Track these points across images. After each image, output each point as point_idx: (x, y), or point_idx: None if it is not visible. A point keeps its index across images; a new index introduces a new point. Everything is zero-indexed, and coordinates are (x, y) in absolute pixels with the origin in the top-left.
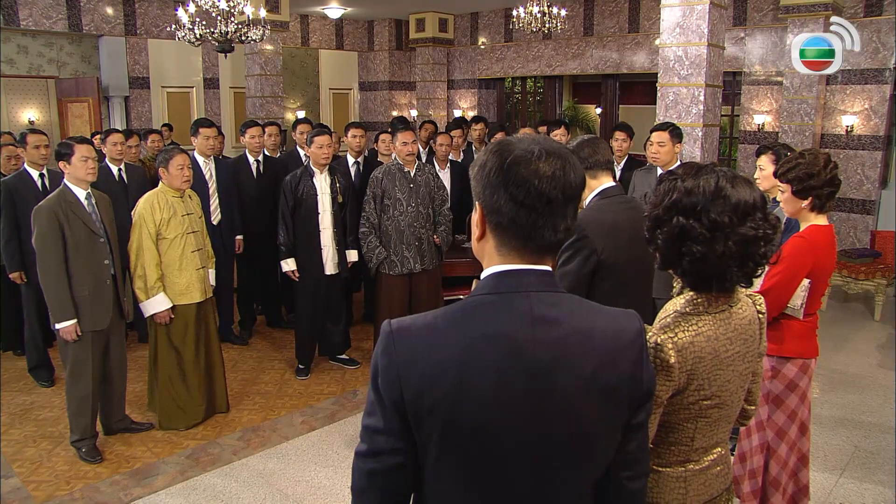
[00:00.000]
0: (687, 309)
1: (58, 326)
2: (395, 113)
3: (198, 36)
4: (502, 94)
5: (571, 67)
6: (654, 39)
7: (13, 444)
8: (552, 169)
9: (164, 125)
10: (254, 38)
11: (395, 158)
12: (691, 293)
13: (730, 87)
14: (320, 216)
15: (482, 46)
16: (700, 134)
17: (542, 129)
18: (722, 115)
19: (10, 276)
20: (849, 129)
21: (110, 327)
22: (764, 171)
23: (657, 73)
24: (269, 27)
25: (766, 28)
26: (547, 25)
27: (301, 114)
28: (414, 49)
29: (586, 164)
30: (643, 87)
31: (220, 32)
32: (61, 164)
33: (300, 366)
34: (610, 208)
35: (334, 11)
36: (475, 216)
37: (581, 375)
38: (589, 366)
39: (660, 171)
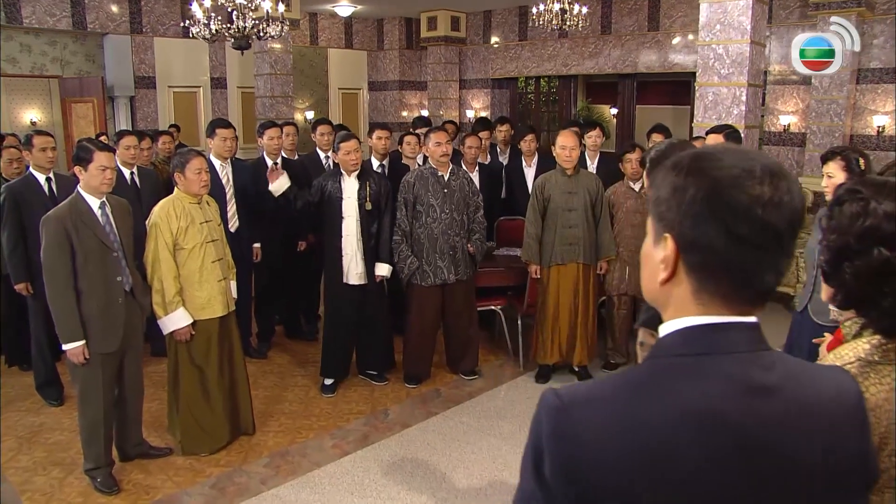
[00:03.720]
0: (875, 357)
1: (65, 348)
2: (405, 113)
3: (213, 32)
4: (515, 94)
5: (588, 67)
6: (674, 38)
7: (21, 472)
8: (778, 193)
9: (171, 126)
10: (272, 34)
11: (420, 160)
12: (877, 338)
13: None
14: (343, 221)
15: (495, 45)
16: (741, 136)
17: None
18: None
19: (16, 287)
20: (880, 130)
21: (124, 347)
22: (833, 178)
23: (677, 73)
24: (287, 23)
25: (792, 26)
26: (567, 23)
27: (310, 114)
28: (425, 48)
29: None
30: (660, 87)
31: (238, 28)
32: (76, 168)
33: (326, 382)
34: None
35: (345, 9)
36: (662, 253)
37: (807, 460)
38: (815, 446)
39: None
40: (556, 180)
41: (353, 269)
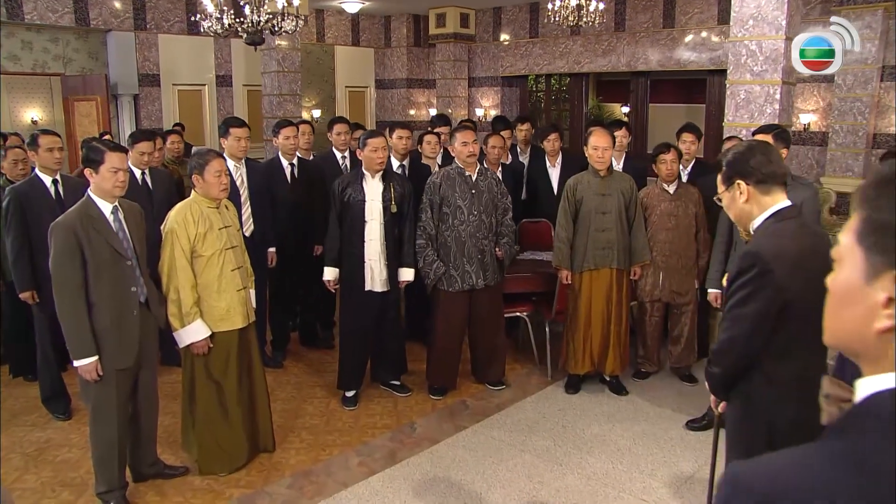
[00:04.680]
0: None
1: (76, 364)
2: (412, 112)
3: (226, 26)
4: (526, 93)
5: (601, 64)
6: (690, 34)
7: (28, 493)
8: None
9: (175, 125)
10: (288, 29)
11: (439, 160)
12: None
13: None
14: (367, 225)
15: (505, 43)
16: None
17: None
18: None
19: (21, 295)
20: None
21: (139, 361)
22: None
23: (692, 70)
24: (303, 18)
25: (813, 22)
26: (584, 20)
27: (317, 112)
28: (433, 45)
29: (757, 175)
30: (673, 85)
31: (252, 22)
32: (87, 171)
33: (347, 394)
34: (790, 234)
35: (353, 6)
36: (882, 293)
37: None
38: None
39: None
40: (588, 182)
41: (378, 276)
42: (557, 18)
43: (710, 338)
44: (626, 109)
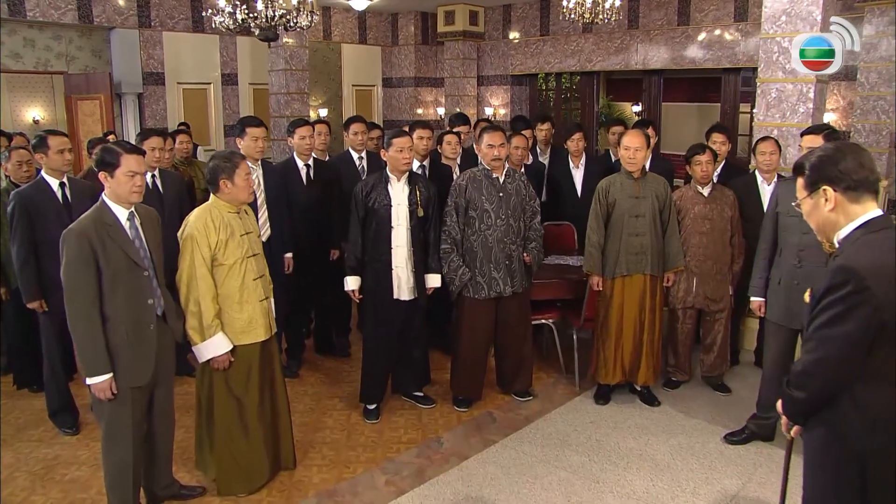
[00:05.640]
0: None
1: (89, 382)
2: (420, 111)
3: (239, 22)
4: (535, 91)
5: (613, 63)
6: (705, 32)
7: None
8: None
9: (180, 124)
10: (303, 24)
11: (459, 161)
12: None
13: None
14: (393, 231)
15: (515, 40)
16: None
17: (618, 128)
18: None
19: (29, 305)
20: None
21: (155, 378)
22: None
23: (708, 69)
24: (318, 13)
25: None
26: (601, 16)
27: (323, 112)
28: (442, 43)
29: (847, 181)
30: (686, 84)
31: (266, 18)
32: (102, 175)
33: (368, 406)
34: (885, 247)
35: (360, 3)
36: None
37: None
38: None
39: None
40: (621, 183)
41: (405, 284)
42: (574, 16)
43: (740, 344)
44: (636, 108)
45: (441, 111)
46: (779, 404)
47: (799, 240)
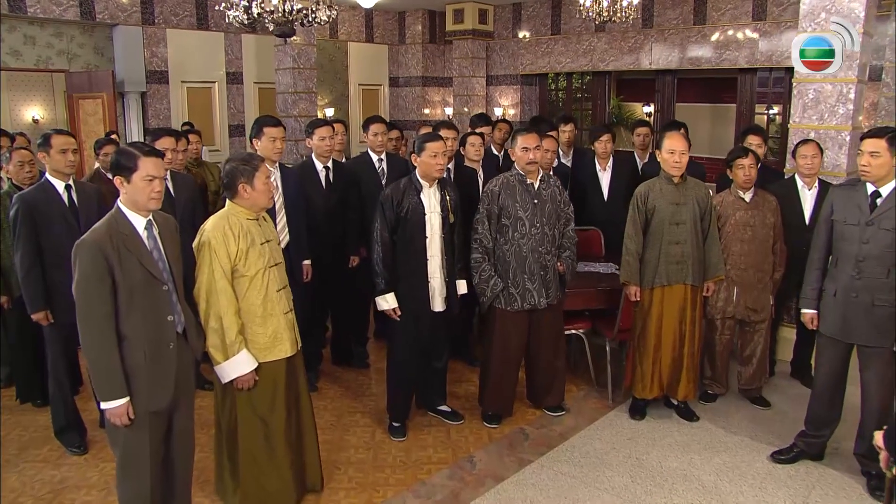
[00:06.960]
0: None
1: (104, 406)
2: (427, 111)
3: (255, 16)
4: (545, 91)
5: (627, 62)
6: (722, 31)
7: None
8: None
9: (184, 124)
10: (322, 19)
11: (480, 162)
12: None
13: None
14: (428, 240)
15: (525, 40)
16: (847, 138)
17: (643, 129)
18: None
19: (34, 316)
20: None
21: (175, 401)
22: None
23: (724, 69)
24: (337, 8)
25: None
26: (618, 15)
27: (329, 111)
28: (450, 42)
29: None
30: (700, 84)
31: (283, 12)
32: (118, 180)
33: (394, 423)
34: None
35: (367, 0)
36: None
37: None
38: None
39: (871, 188)
40: (661, 189)
41: (439, 295)
42: (591, 14)
43: (776, 355)
44: (647, 109)
45: (449, 111)
46: (878, 437)
47: (858, 249)
